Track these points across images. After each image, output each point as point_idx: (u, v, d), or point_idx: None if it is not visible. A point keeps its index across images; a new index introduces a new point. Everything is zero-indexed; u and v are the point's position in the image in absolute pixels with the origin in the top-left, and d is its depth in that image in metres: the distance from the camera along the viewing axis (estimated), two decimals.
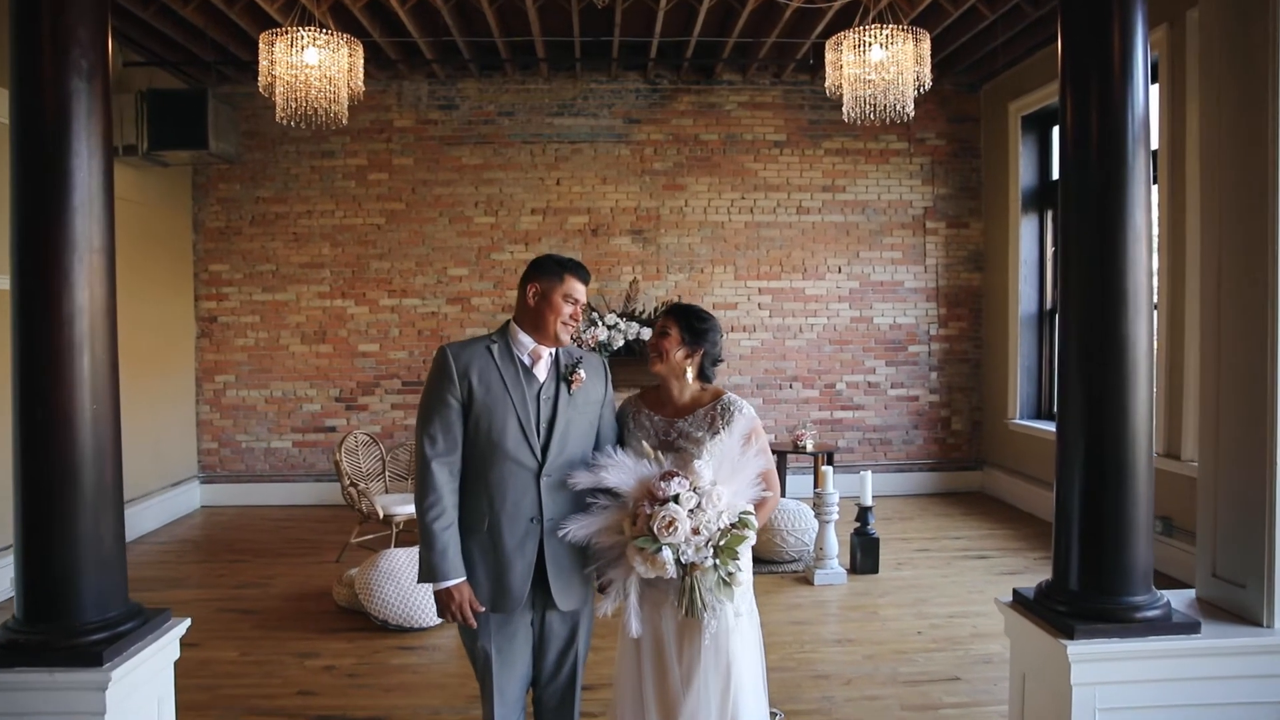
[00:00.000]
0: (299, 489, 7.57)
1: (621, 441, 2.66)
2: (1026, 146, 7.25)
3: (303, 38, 4.71)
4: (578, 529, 2.41)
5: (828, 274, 7.79)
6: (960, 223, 7.90)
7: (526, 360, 2.57)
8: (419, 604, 4.49)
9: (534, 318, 2.55)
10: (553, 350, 2.61)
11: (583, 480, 2.43)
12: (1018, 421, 7.24)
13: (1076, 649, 2.42)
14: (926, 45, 4.86)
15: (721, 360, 2.74)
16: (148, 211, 6.78)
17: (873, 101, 4.93)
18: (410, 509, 5.51)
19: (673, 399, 2.67)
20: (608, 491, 2.42)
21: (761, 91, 7.71)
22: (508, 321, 2.64)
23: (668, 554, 2.28)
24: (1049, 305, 7.23)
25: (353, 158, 7.56)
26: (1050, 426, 6.86)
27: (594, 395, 2.67)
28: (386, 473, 6.22)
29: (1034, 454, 7.04)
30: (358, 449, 6.12)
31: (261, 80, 4.75)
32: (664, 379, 2.67)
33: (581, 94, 7.62)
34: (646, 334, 7.16)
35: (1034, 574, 5.37)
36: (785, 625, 4.54)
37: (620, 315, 7.19)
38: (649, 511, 2.30)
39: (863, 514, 5.42)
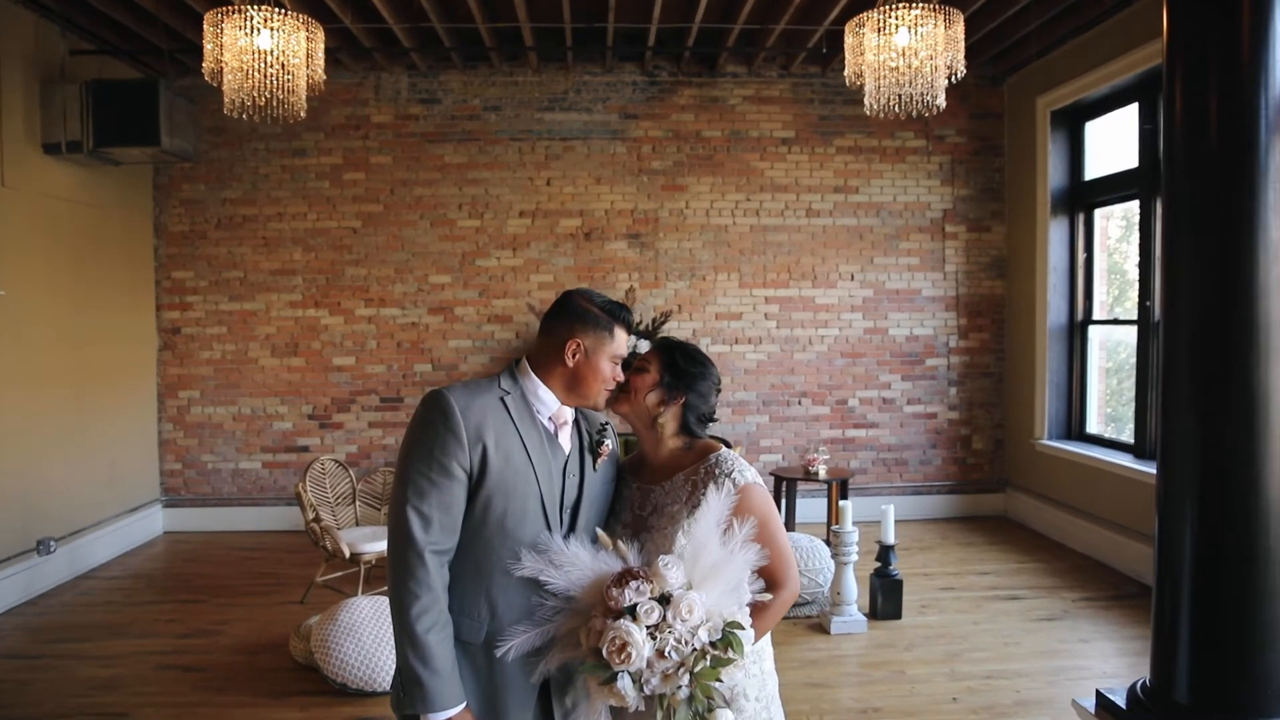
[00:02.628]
0: (269, 513, 7.01)
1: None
2: (1056, 144, 6.69)
3: (254, 18, 4.15)
4: (522, 641, 1.84)
5: (839, 281, 7.23)
6: (982, 226, 7.34)
7: (549, 424, 2.01)
8: (383, 664, 3.93)
9: (570, 379, 2.00)
10: (573, 412, 2.07)
11: (530, 569, 1.85)
12: (1046, 442, 6.68)
13: None
14: (960, 27, 4.29)
15: (712, 418, 2.14)
16: (100, 214, 6.21)
17: (898, 91, 4.37)
18: (381, 546, 4.95)
19: (647, 458, 2.11)
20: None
21: (768, 84, 7.14)
22: (518, 361, 2.05)
23: (626, 684, 1.71)
24: (1080, 316, 6.66)
25: (326, 156, 6.99)
26: (1084, 449, 6.30)
27: (611, 468, 2.13)
28: (357, 502, 5.66)
29: (1064, 478, 6.48)
30: (325, 476, 5.55)
31: (207, 66, 4.17)
32: (632, 427, 2.11)
33: (574, 87, 7.06)
34: (643, 346, 6.60)
35: (1076, 620, 4.81)
36: (800, 688, 3.97)
37: None
38: (600, 628, 1.74)
39: (884, 553, 4.86)
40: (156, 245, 6.97)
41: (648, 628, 1.70)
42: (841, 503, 4.81)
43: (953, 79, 4.37)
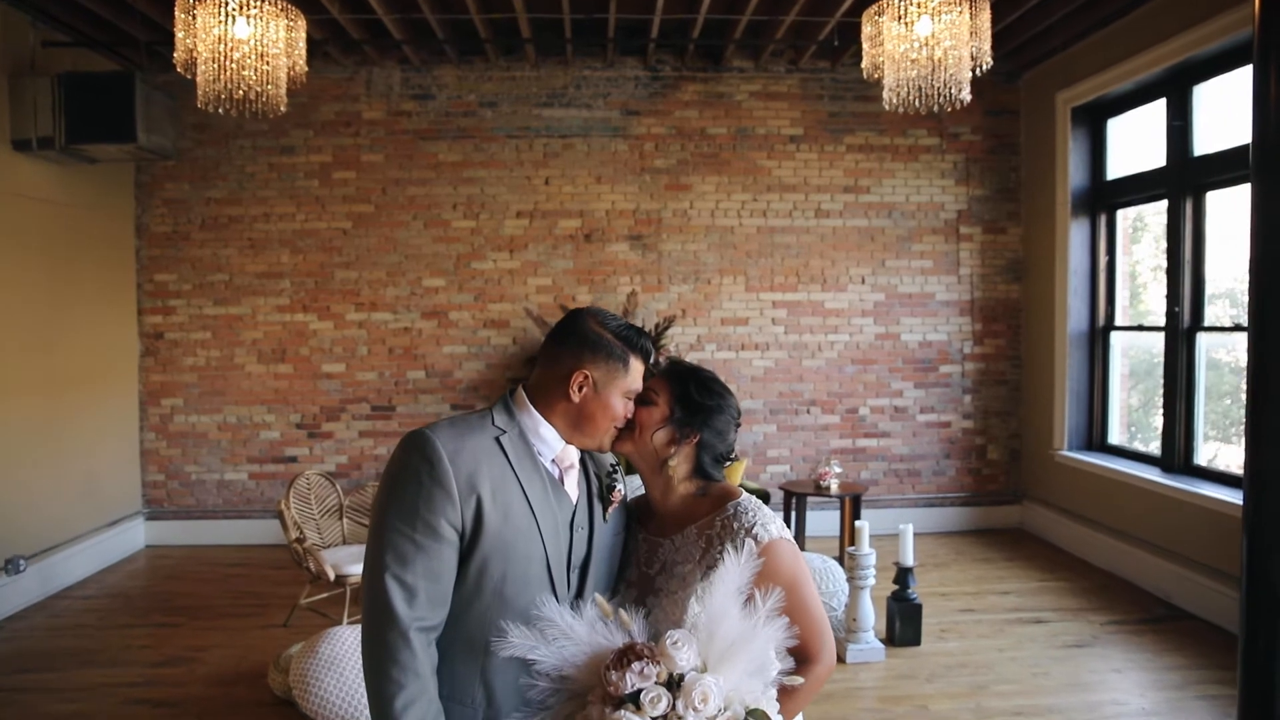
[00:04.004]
0: (255, 527, 6.72)
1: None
2: (1077, 142, 6.40)
3: (229, 4, 3.86)
4: None
5: (850, 285, 6.94)
6: (998, 228, 7.05)
7: (553, 468, 1.72)
8: (366, 700, 3.64)
9: (575, 416, 1.71)
10: (579, 452, 1.78)
11: (515, 645, 1.54)
12: (1066, 453, 6.39)
13: None
14: (986, 15, 4.01)
15: (731, 457, 1.83)
16: (78, 214, 5.92)
17: (919, 84, 4.08)
18: None
19: (656, 505, 1.81)
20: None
21: (776, 80, 6.86)
22: (513, 392, 1.75)
23: None
24: (1101, 321, 6.38)
25: (316, 154, 6.70)
26: (1106, 461, 6.02)
27: (622, 517, 1.85)
28: (345, 519, 5.37)
29: (1085, 491, 6.19)
30: (310, 491, 5.26)
31: (179, 56, 3.89)
32: (637, 469, 1.80)
33: (573, 82, 6.77)
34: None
35: (1106, 647, 4.53)
36: None
37: None
38: (596, 718, 1.45)
39: (902, 575, 4.57)
40: (138, 247, 6.69)
41: (653, 719, 1.42)
42: (858, 523, 4.53)
43: (978, 70, 4.08)
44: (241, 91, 3.99)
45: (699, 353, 6.76)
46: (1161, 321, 5.98)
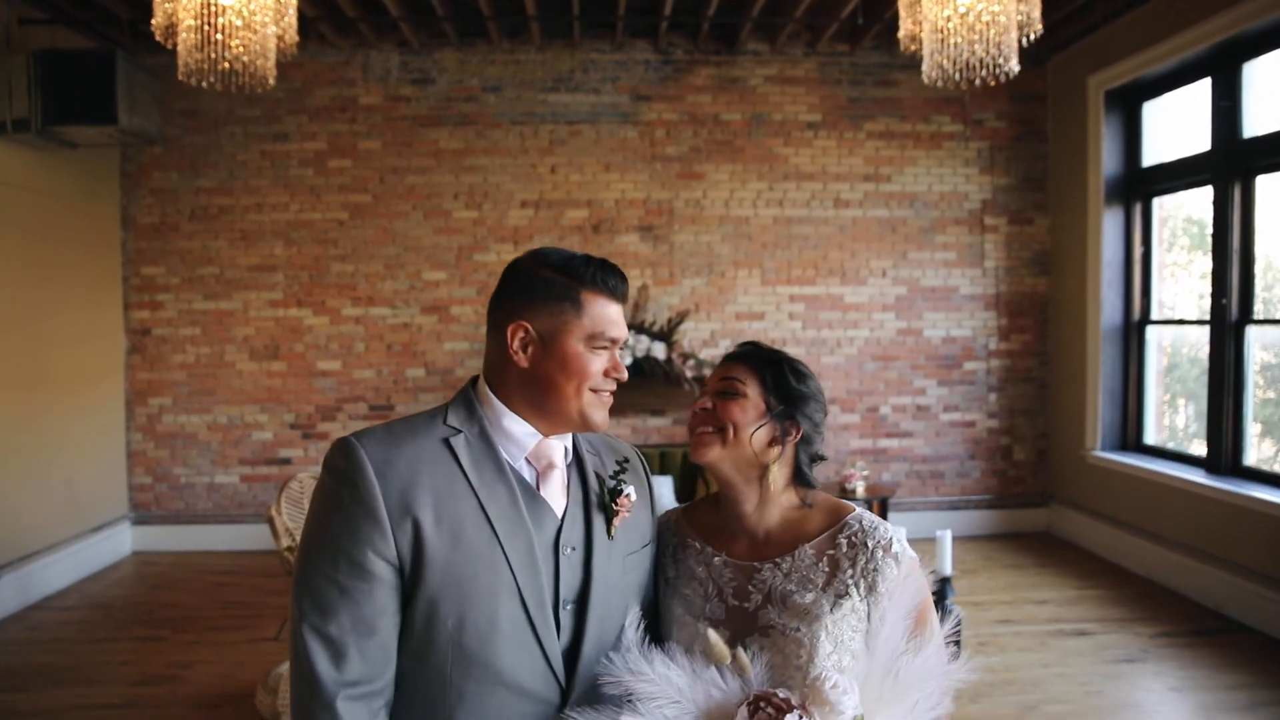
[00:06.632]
0: (247, 532, 6.38)
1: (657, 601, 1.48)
2: (1110, 127, 6.09)
3: None
4: None
5: (870, 278, 6.63)
6: (1024, 218, 6.74)
7: (526, 472, 1.34)
8: None
9: (531, 389, 1.32)
10: (569, 444, 1.39)
11: None
12: (1099, 454, 6.08)
13: None
14: None
15: (823, 455, 1.52)
16: (57, 204, 5.60)
17: (961, 56, 3.77)
18: None
19: (745, 522, 1.46)
20: None
21: (793, 64, 6.55)
22: (474, 383, 1.39)
23: None
24: (1136, 316, 6.06)
25: (310, 141, 6.38)
26: (1144, 462, 5.70)
27: (641, 527, 1.44)
28: None
29: (1120, 494, 5.88)
30: (303, 495, 4.95)
31: (157, 22, 3.58)
32: (721, 481, 1.45)
33: (580, 66, 6.45)
34: (658, 349, 6.01)
35: (1160, 662, 4.21)
36: None
37: (628, 327, 6.03)
38: None
39: (941, 586, 4.25)
40: (124, 239, 6.37)
41: None
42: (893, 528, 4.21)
43: (1025, 40, 3.78)
44: (226, 63, 3.68)
45: (712, 349, 6.44)
46: (1186, 315, 5.68)
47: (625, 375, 1.34)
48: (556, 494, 1.35)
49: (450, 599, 1.23)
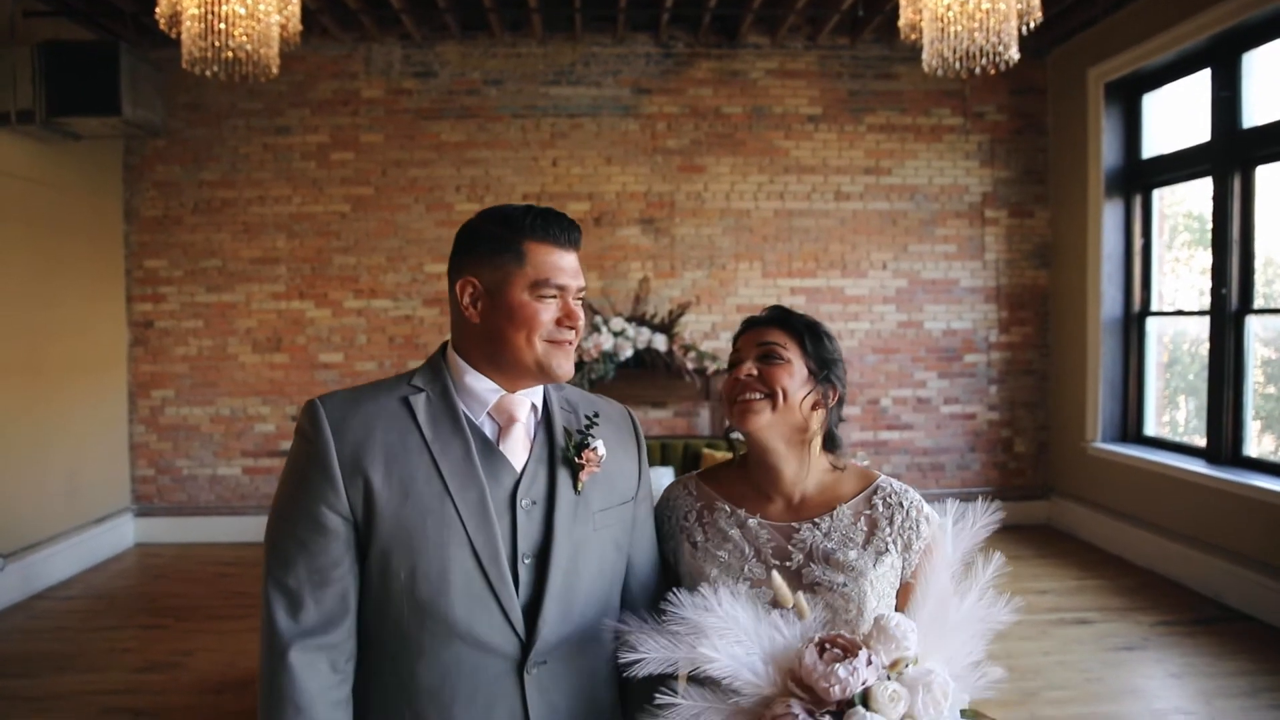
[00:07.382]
0: (250, 524, 6.39)
1: (668, 571, 1.51)
2: (1110, 119, 6.10)
3: None
4: None
5: (870, 271, 6.64)
6: (1024, 211, 6.75)
7: (487, 428, 1.36)
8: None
9: (485, 343, 1.33)
10: (538, 400, 1.40)
11: (651, 657, 1.20)
12: (1100, 445, 6.09)
13: None
14: None
15: (844, 418, 1.58)
16: (60, 196, 5.62)
17: (961, 45, 3.78)
18: None
19: (783, 486, 1.48)
20: (699, 682, 1.23)
21: (794, 57, 6.56)
22: (443, 347, 1.41)
23: None
24: (1137, 308, 6.08)
25: (312, 134, 6.40)
26: (1144, 453, 5.72)
27: (621, 482, 1.44)
28: None
29: (1121, 484, 5.89)
30: None
31: (161, 11, 3.60)
32: (762, 448, 1.47)
33: (582, 59, 6.47)
34: (659, 341, 6.01)
35: (1160, 650, 4.22)
36: None
37: (629, 319, 6.06)
38: None
39: None
40: (127, 231, 6.39)
41: None
42: None
43: (1025, 28, 3.79)
44: (230, 52, 3.70)
45: (714, 341, 6.45)
46: (1186, 308, 5.69)
47: (580, 322, 1.35)
48: (518, 449, 1.36)
49: (401, 551, 1.27)
